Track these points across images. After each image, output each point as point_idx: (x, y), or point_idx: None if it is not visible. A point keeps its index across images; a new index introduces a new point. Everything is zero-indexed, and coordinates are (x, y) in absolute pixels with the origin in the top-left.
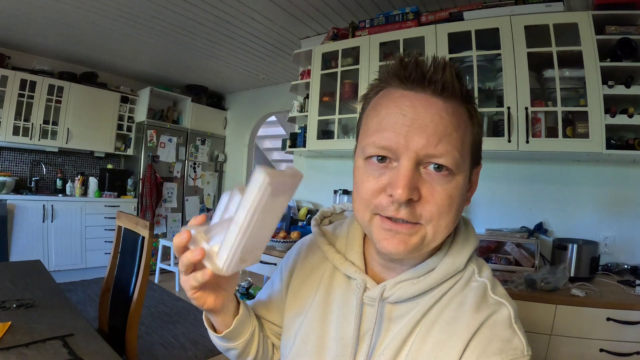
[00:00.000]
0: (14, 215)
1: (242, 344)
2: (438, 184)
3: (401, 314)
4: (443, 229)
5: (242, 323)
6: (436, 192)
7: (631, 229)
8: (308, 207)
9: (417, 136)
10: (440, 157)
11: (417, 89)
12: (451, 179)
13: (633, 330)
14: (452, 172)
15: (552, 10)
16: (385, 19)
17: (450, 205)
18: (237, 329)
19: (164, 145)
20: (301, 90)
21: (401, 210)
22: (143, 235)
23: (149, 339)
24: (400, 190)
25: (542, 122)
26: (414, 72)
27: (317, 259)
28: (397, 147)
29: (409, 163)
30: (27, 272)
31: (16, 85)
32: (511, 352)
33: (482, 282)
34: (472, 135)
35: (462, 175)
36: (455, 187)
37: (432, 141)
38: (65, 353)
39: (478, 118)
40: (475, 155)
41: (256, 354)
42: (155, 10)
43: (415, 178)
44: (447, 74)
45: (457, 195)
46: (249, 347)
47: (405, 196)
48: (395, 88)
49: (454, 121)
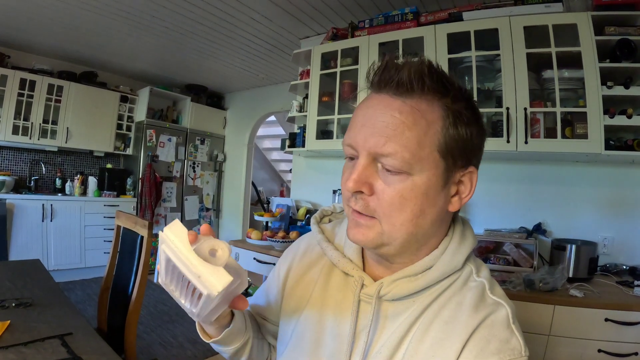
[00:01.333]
0: (13, 214)
1: (232, 350)
2: (389, 182)
3: (398, 311)
4: (400, 227)
5: (233, 335)
6: (385, 189)
7: (630, 230)
8: (307, 207)
9: (369, 135)
10: (387, 156)
11: (380, 91)
12: (404, 179)
13: (631, 331)
14: (405, 172)
15: (551, 10)
16: (385, 19)
17: (402, 205)
18: (227, 339)
19: (164, 145)
20: (300, 90)
21: (357, 202)
22: (142, 235)
23: (147, 338)
24: (351, 183)
25: (541, 123)
26: (377, 75)
27: (315, 255)
28: (356, 145)
29: (363, 159)
30: (26, 271)
31: (16, 85)
32: (509, 352)
33: (481, 282)
34: (445, 135)
35: (424, 176)
36: (410, 188)
37: (380, 141)
38: (64, 352)
39: (465, 116)
40: (457, 157)
41: (249, 356)
42: (155, 10)
43: (368, 173)
44: (404, 72)
45: (413, 196)
46: (241, 352)
47: (352, 188)
48: (371, 92)
49: (409, 120)
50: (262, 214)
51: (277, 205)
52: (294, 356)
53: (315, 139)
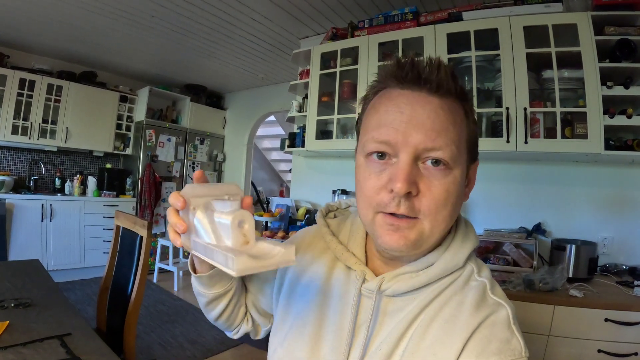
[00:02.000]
0: (12, 214)
1: (212, 295)
2: (435, 178)
3: (398, 308)
4: (440, 223)
5: (218, 276)
6: (433, 186)
7: (630, 230)
8: (306, 207)
9: (415, 132)
10: (438, 150)
11: (413, 88)
12: (448, 174)
13: (631, 331)
14: (449, 166)
15: (551, 10)
16: (384, 19)
17: (447, 199)
18: (212, 279)
19: (163, 145)
20: (300, 90)
21: (401, 205)
22: (141, 235)
23: (147, 338)
24: (400, 184)
25: (540, 123)
26: (410, 72)
27: (319, 249)
28: (396, 142)
29: (408, 157)
30: (25, 271)
31: (15, 85)
32: (509, 352)
33: (482, 281)
34: (468, 131)
35: (459, 169)
36: (452, 182)
37: (430, 136)
38: (63, 352)
39: (474, 116)
40: (471, 151)
41: (222, 311)
42: (154, 10)
43: (413, 172)
44: (442, 73)
45: (454, 189)
46: (218, 301)
47: (405, 189)
48: (393, 88)
49: (450, 117)
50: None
51: (277, 205)
52: (293, 348)
53: (314, 139)
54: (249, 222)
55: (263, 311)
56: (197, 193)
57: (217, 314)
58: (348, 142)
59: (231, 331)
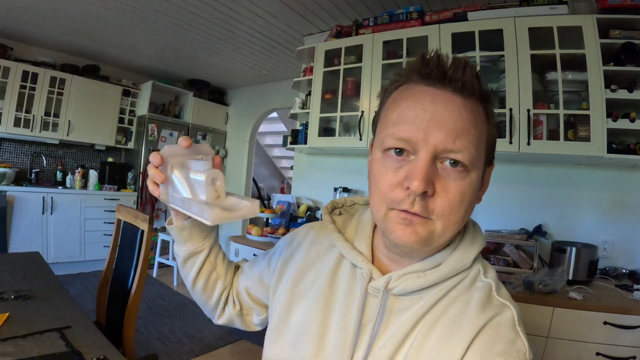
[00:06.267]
0: (13, 206)
1: (186, 253)
2: (452, 179)
3: (404, 307)
4: (452, 225)
5: (191, 230)
6: (450, 187)
7: (630, 234)
8: (308, 204)
9: (436, 131)
10: (457, 152)
11: (437, 86)
12: (465, 176)
13: (630, 335)
14: (467, 168)
15: (556, 12)
16: (389, 18)
17: (462, 202)
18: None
19: (165, 140)
20: (303, 87)
21: (416, 204)
22: (142, 229)
23: (146, 332)
24: (417, 183)
25: (543, 125)
26: (435, 69)
27: (324, 246)
28: (417, 140)
29: (427, 156)
30: (25, 264)
31: (18, 77)
32: (514, 354)
33: (488, 282)
34: (488, 134)
35: (476, 172)
36: (468, 184)
37: (450, 136)
38: (62, 345)
39: (494, 118)
40: (489, 154)
41: (197, 273)
42: (158, 4)
43: (431, 172)
44: (468, 73)
45: (470, 192)
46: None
47: (422, 188)
48: (416, 83)
49: (472, 118)
50: (263, 210)
51: (278, 202)
52: (298, 346)
53: (317, 136)
54: (220, 180)
55: (255, 297)
56: (174, 152)
57: (193, 276)
58: (350, 139)
59: (214, 312)
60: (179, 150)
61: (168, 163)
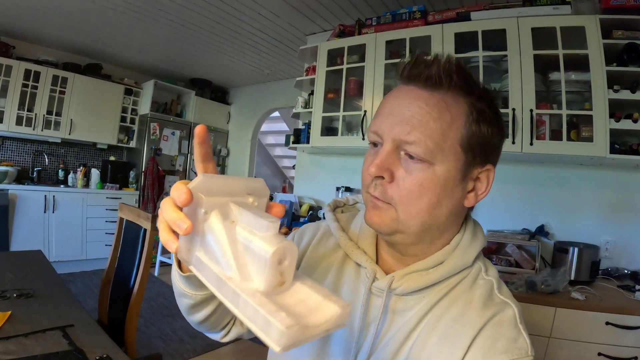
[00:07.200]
0: (15, 205)
1: (200, 297)
2: (410, 170)
3: (407, 306)
4: (414, 216)
5: None
6: (407, 177)
7: (632, 234)
8: (310, 203)
9: (395, 124)
10: (411, 144)
11: (410, 83)
12: (426, 168)
13: (632, 335)
14: (427, 161)
15: (559, 13)
16: (392, 17)
17: (421, 193)
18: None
19: (167, 139)
20: (306, 86)
21: (376, 188)
22: (145, 228)
23: (147, 331)
24: (373, 168)
25: (546, 125)
26: (406, 68)
27: (329, 246)
28: (382, 132)
29: (388, 146)
30: (27, 262)
31: (20, 75)
32: (516, 351)
33: (489, 280)
34: (467, 130)
35: (445, 167)
36: (429, 177)
37: (405, 129)
38: (65, 343)
39: (489, 115)
40: (477, 153)
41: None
42: (161, 3)
43: (390, 160)
44: (434, 68)
45: (432, 186)
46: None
47: (375, 172)
48: (399, 84)
49: (434, 112)
50: None
51: (280, 201)
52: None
53: (320, 136)
54: (290, 257)
55: None
56: (211, 188)
57: (203, 317)
58: (353, 139)
59: (217, 333)
60: (218, 185)
61: (201, 205)
